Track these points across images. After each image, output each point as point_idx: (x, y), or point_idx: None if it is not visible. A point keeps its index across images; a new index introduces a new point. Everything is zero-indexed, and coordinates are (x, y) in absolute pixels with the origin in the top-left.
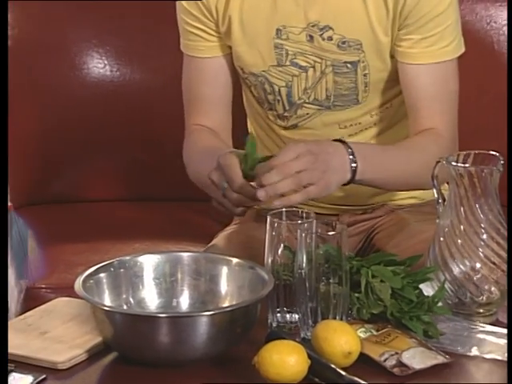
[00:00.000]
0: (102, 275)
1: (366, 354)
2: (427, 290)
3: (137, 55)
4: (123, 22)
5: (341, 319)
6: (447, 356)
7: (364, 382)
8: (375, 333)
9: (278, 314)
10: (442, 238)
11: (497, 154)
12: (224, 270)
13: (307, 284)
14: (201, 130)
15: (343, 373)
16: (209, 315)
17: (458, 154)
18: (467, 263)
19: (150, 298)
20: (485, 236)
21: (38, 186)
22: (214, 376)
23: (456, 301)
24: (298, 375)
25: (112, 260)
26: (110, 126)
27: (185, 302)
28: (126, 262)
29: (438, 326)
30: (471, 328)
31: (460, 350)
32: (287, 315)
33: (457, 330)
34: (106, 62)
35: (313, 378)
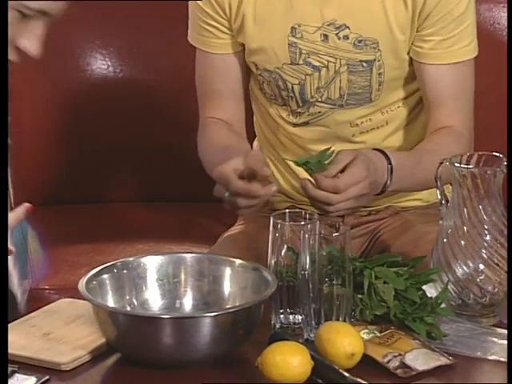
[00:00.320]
0: (106, 276)
1: (369, 355)
2: (430, 291)
3: (140, 56)
4: (127, 23)
5: (344, 320)
6: (450, 357)
7: None
8: (378, 334)
9: (282, 315)
10: (445, 240)
11: (500, 155)
12: (227, 271)
13: (310, 285)
14: (215, 123)
15: (346, 374)
16: (212, 316)
17: (462, 155)
18: (470, 264)
19: (154, 299)
20: (488, 237)
21: (41, 187)
22: (217, 377)
23: (459, 302)
24: (301, 376)
25: (115, 261)
26: (113, 126)
27: (188, 303)
28: (130, 263)
29: (441, 327)
30: (474, 329)
31: (463, 352)
32: (290, 316)
33: (460, 331)
34: (109, 63)
35: (316, 379)
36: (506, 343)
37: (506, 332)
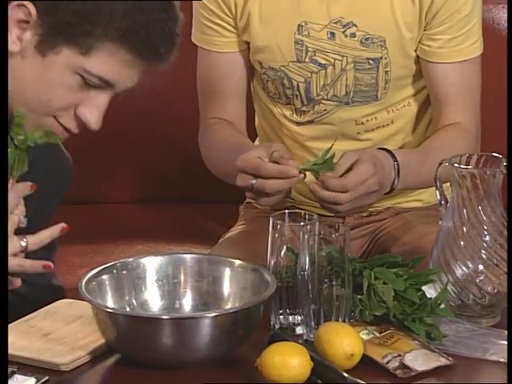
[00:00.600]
0: (105, 277)
1: (369, 355)
2: (430, 291)
3: None
4: None
5: (343, 321)
6: (450, 358)
7: None
8: (378, 335)
9: (281, 316)
10: (444, 240)
11: (499, 155)
12: (227, 272)
13: (310, 286)
14: (219, 123)
15: (346, 374)
16: (211, 317)
17: (461, 156)
18: (470, 265)
19: (153, 299)
20: (487, 238)
21: None
22: (217, 378)
23: (459, 303)
24: (300, 377)
25: (115, 262)
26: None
27: (187, 304)
28: (129, 264)
29: (440, 327)
30: (474, 330)
31: (463, 352)
32: (290, 317)
33: (459, 331)
34: None
35: (315, 380)
36: (506, 344)
37: (506, 332)
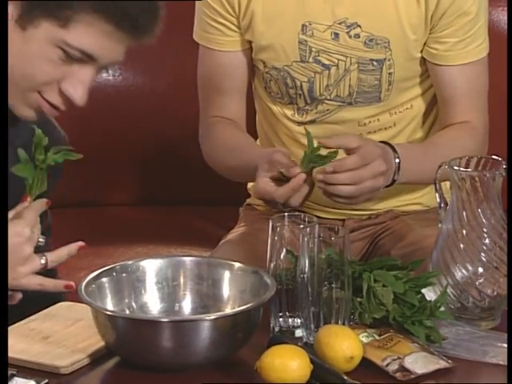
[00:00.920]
0: (105, 280)
1: (369, 358)
2: (429, 294)
3: (139, 59)
4: None
5: (343, 324)
6: (449, 361)
7: None
8: (377, 337)
9: (281, 319)
10: (444, 243)
11: (499, 158)
12: (226, 275)
13: (309, 288)
14: (221, 121)
15: (345, 377)
16: (211, 320)
17: (461, 158)
18: (469, 268)
19: (153, 302)
20: (487, 240)
21: None
22: (216, 380)
23: (458, 305)
24: (300, 380)
25: (114, 264)
26: (112, 130)
27: (187, 307)
28: (129, 267)
29: (440, 330)
30: (474, 333)
31: (462, 355)
32: (289, 320)
33: (459, 334)
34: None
35: (315, 383)
36: (506, 346)
37: (506, 335)
